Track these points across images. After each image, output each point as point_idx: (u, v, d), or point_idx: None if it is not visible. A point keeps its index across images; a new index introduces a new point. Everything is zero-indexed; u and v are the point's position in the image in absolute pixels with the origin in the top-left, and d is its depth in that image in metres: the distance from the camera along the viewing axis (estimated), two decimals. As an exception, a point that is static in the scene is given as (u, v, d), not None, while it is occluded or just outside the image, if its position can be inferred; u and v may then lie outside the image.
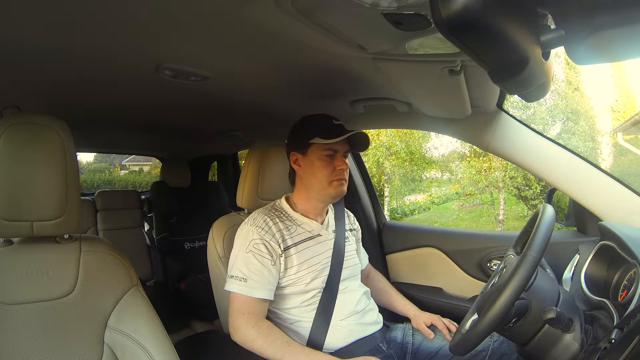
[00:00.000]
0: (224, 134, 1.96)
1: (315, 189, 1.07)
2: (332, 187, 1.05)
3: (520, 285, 0.70)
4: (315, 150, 1.05)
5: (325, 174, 1.04)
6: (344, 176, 1.06)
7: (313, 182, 1.06)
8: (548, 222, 0.77)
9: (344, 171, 1.06)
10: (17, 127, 0.76)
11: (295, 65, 0.94)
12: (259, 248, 0.99)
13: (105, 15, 0.66)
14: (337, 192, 1.06)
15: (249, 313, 0.95)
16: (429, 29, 0.61)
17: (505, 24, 0.35)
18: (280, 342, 0.92)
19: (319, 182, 1.05)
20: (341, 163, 1.05)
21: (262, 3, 0.59)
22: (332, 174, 1.04)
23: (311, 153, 1.05)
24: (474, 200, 8.46)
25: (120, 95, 1.21)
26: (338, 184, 1.05)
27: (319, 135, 1.03)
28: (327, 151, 1.04)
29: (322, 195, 1.07)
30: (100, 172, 11.69)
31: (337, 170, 1.04)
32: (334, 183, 1.05)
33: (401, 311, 1.23)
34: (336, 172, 1.04)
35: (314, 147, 1.05)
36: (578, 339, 0.75)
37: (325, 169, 1.04)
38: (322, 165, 1.04)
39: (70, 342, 0.78)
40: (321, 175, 1.04)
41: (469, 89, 0.94)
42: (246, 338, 0.93)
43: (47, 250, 0.82)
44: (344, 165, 1.05)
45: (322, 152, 1.04)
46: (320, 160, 1.04)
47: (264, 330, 0.94)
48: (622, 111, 8.13)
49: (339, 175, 1.05)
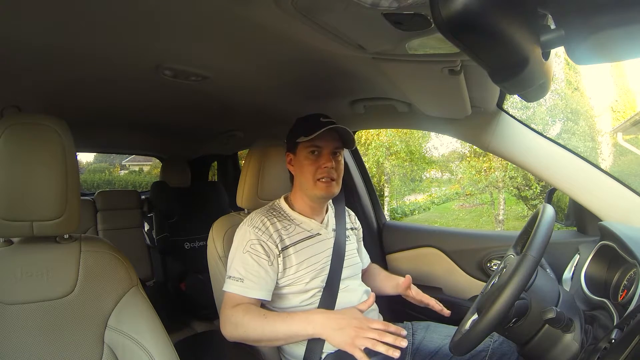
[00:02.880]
0: (224, 134, 1.96)
1: (305, 187, 1.07)
2: (318, 188, 1.03)
3: (520, 285, 0.70)
4: (302, 149, 1.05)
5: (310, 171, 1.04)
6: (331, 174, 1.03)
7: (303, 181, 1.06)
8: (548, 222, 0.77)
9: (330, 169, 1.03)
10: (17, 127, 0.76)
11: (295, 65, 0.94)
12: (256, 248, 0.99)
13: (105, 15, 0.66)
14: (324, 193, 1.04)
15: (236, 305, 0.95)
16: (429, 29, 0.61)
17: (505, 24, 0.35)
18: (257, 316, 0.92)
19: (307, 181, 1.05)
20: (326, 161, 1.03)
21: (262, 3, 0.59)
22: (317, 172, 1.03)
23: (299, 152, 1.06)
24: (474, 200, 8.46)
25: (120, 95, 1.21)
26: (324, 185, 1.03)
27: (303, 133, 1.03)
28: (312, 148, 1.04)
29: (311, 195, 1.06)
30: (100, 172, 11.69)
31: (322, 168, 1.03)
32: (319, 183, 1.03)
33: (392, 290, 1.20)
34: (321, 171, 1.03)
35: (300, 145, 1.05)
36: (578, 339, 0.75)
37: (310, 166, 1.04)
38: (308, 163, 1.04)
39: (70, 342, 0.78)
40: (307, 173, 1.04)
41: (469, 89, 0.94)
42: (230, 326, 0.93)
43: (47, 251, 0.82)
44: (330, 163, 1.03)
45: (307, 149, 1.04)
46: (307, 159, 1.04)
47: (241, 311, 0.93)
48: (622, 111, 8.12)
49: (324, 173, 1.03)
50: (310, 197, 1.07)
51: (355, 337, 0.85)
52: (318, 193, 1.04)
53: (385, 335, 0.84)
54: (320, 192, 1.04)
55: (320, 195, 1.05)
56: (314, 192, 1.05)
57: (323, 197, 1.06)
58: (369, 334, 0.84)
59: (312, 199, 1.08)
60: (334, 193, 1.06)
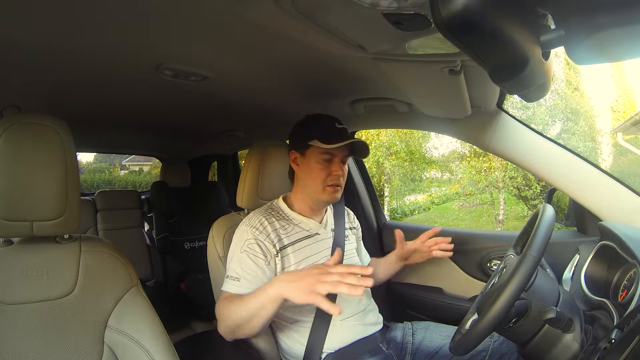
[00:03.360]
0: (224, 134, 1.96)
1: (309, 190, 1.07)
2: (326, 193, 1.04)
3: (520, 285, 0.70)
4: (314, 152, 1.04)
5: (321, 177, 1.04)
6: (339, 182, 1.05)
7: (308, 184, 1.06)
8: (548, 222, 0.77)
9: (340, 177, 1.05)
10: (17, 127, 0.76)
11: (295, 65, 0.94)
12: (253, 248, 0.99)
13: (105, 15, 0.66)
14: (330, 199, 1.06)
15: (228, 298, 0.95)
16: (429, 29, 0.61)
17: (505, 24, 0.35)
18: (234, 303, 0.91)
19: (314, 185, 1.05)
20: (338, 168, 1.04)
21: (262, 3, 0.59)
22: (327, 178, 1.04)
23: (309, 154, 1.05)
24: (474, 200, 8.47)
25: (120, 95, 1.21)
26: (332, 190, 1.04)
27: (319, 138, 1.02)
28: (325, 155, 1.04)
29: (315, 199, 1.07)
30: (100, 172, 11.70)
31: (332, 175, 1.04)
32: (327, 189, 1.04)
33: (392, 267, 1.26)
34: (331, 177, 1.04)
35: (312, 148, 1.04)
36: (578, 339, 0.75)
37: (321, 172, 1.04)
38: (319, 168, 1.04)
39: (70, 342, 0.78)
40: (317, 178, 1.04)
41: (469, 89, 0.94)
42: (220, 323, 0.93)
43: (47, 250, 0.82)
44: (340, 171, 1.05)
45: (320, 155, 1.04)
46: (318, 163, 1.04)
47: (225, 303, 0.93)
48: (622, 111, 8.13)
49: (334, 180, 1.04)
50: (314, 200, 1.08)
51: (314, 283, 0.79)
52: (325, 198, 1.05)
53: (347, 276, 0.78)
54: (327, 198, 1.05)
55: (326, 200, 1.06)
56: (321, 197, 1.05)
57: (329, 202, 1.08)
58: (330, 277, 0.79)
59: (316, 202, 1.08)
60: (338, 198, 1.08)
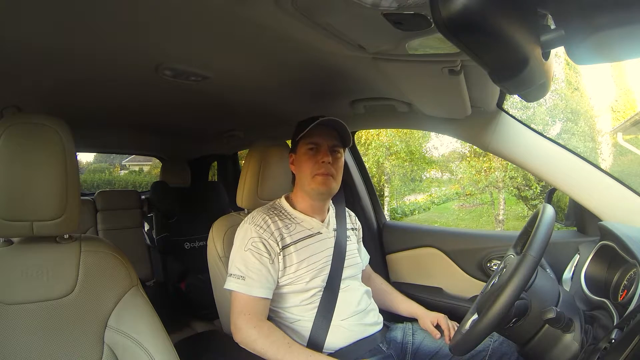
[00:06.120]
0: (224, 134, 1.96)
1: (302, 183, 1.08)
2: (315, 182, 1.05)
3: (520, 285, 0.70)
4: (302, 147, 1.08)
5: (309, 166, 1.05)
6: (329, 170, 1.05)
7: (302, 178, 1.08)
8: (548, 222, 0.77)
9: (327, 165, 1.05)
10: (17, 127, 0.76)
11: (296, 65, 0.94)
12: (257, 246, 0.99)
13: (105, 15, 0.66)
14: (321, 188, 1.05)
15: (250, 313, 0.95)
16: (429, 29, 0.61)
17: (505, 24, 0.35)
18: (281, 343, 0.92)
19: (305, 177, 1.06)
20: (324, 156, 1.05)
21: (262, 3, 0.59)
22: (314, 167, 1.05)
23: (299, 150, 1.09)
24: (474, 200, 8.46)
25: (120, 95, 1.21)
26: (321, 179, 1.04)
27: (301, 132, 1.05)
28: (311, 145, 1.06)
29: (308, 191, 1.07)
30: (100, 172, 11.69)
31: (319, 163, 1.05)
32: (316, 177, 1.05)
33: (407, 312, 1.21)
34: (319, 165, 1.04)
35: (300, 144, 1.08)
36: (578, 339, 0.75)
37: (309, 161, 1.06)
38: (306, 159, 1.06)
39: (70, 342, 0.78)
40: (306, 169, 1.06)
41: (469, 89, 0.94)
42: (247, 339, 0.93)
43: (47, 250, 0.82)
44: (327, 157, 1.05)
45: (306, 146, 1.07)
46: (305, 154, 1.07)
47: (265, 331, 0.93)
48: (622, 111, 8.12)
49: (322, 168, 1.04)
50: (309, 193, 1.08)
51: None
52: (315, 187, 1.05)
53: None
54: (318, 186, 1.05)
55: (317, 189, 1.05)
56: (312, 186, 1.05)
57: (321, 192, 1.06)
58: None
59: (312, 196, 1.08)
60: (331, 188, 1.07)
